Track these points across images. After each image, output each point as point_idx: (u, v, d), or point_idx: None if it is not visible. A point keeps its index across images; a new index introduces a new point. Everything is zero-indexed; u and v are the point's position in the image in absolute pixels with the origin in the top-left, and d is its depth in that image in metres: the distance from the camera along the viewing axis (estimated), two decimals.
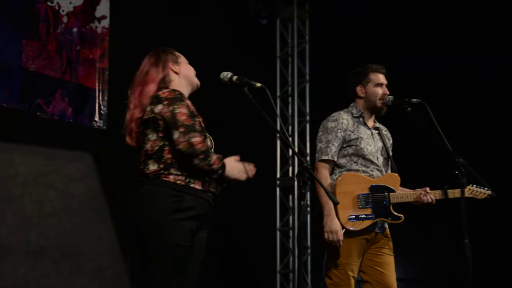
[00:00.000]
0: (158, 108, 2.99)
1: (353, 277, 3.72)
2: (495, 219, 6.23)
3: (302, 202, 3.00)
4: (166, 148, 3.00)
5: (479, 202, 3.95)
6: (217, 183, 3.12)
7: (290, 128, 7.20)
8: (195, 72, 3.26)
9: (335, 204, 3.44)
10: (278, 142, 7.12)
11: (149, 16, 5.87)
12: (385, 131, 4.05)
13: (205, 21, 6.52)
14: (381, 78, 3.96)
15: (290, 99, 7.32)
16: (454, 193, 3.81)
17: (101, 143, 5.19)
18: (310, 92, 7.32)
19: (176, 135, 2.94)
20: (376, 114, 3.99)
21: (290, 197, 7.16)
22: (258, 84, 3.06)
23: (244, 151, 3.34)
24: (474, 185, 3.88)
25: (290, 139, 7.06)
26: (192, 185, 2.99)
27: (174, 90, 3.06)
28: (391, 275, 3.82)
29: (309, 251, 6.97)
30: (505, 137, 6.57)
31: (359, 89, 3.95)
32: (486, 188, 3.90)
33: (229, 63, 3.80)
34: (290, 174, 7.15)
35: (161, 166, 3.00)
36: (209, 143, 3.08)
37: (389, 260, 3.83)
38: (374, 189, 3.76)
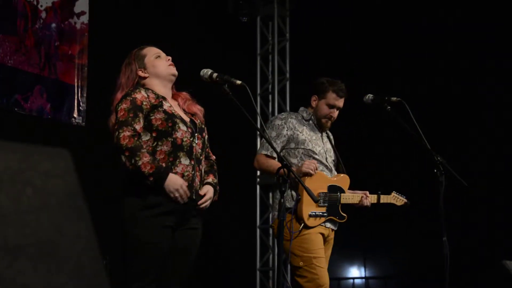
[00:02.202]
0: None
1: (323, 268, 3.78)
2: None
3: (282, 200, 3.00)
4: None
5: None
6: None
7: None
8: (168, 60, 3.20)
9: (315, 202, 3.54)
10: (258, 140, 7.12)
11: (128, 12, 5.83)
12: (330, 134, 4.18)
13: (185, 18, 6.49)
14: (337, 101, 4.00)
15: (270, 96, 7.33)
16: (384, 198, 4.09)
17: (80, 140, 5.14)
18: (290, 90, 7.33)
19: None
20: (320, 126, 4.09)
21: (270, 194, 7.17)
22: (239, 82, 3.04)
23: (224, 149, 3.33)
24: (395, 192, 4.14)
25: None
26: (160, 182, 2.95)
27: (129, 88, 3.07)
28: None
29: None
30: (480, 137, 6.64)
31: (313, 99, 4.06)
32: (404, 196, 4.16)
33: (210, 60, 3.78)
34: None
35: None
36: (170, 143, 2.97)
37: (326, 264, 3.97)
38: (331, 188, 3.91)
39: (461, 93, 6.76)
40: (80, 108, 5.35)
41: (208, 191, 3.11)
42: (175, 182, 2.90)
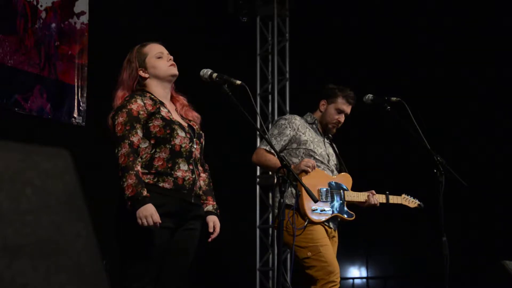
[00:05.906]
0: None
1: (331, 255, 3.77)
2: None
3: (282, 200, 2.99)
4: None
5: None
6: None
7: (270, 125, 7.20)
8: (170, 60, 3.17)
9: (315, 201, 3.51)
10: (258, 140, 7.12)
11: (128, 12, 5.83)
12: (332, 142, 4.20)
13: (185, 18, 6.49)
14: (346, 107, 4.06)
15: (270, 97, 7.33)
16: (393, 199, 4.10)
17: (80, 140, 5.14)
18: (290, 90, 7.33)
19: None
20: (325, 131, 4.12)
21: (270, 195, 7.17)
22: (238, 82, 3.04)
23: (224, 149, 3.33)
24: (407, 195, 4.15)
25: None
26: (161, 185, 2.95)
27: (126, 97, 3.05)
28: None
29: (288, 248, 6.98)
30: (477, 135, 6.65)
31: (322, 103, 4.09)
32: (417, 199, 4.17)
33: (209, 60, 3.78)
34: (270, 172, 7.15)
35: None
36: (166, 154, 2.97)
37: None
38: (332, 185, 3.92)
39: (461, 93, 6.77)
40: (80, 108, 5.35)
41: (215, 225, 3.19)
42: (147, 210, 2.85)
